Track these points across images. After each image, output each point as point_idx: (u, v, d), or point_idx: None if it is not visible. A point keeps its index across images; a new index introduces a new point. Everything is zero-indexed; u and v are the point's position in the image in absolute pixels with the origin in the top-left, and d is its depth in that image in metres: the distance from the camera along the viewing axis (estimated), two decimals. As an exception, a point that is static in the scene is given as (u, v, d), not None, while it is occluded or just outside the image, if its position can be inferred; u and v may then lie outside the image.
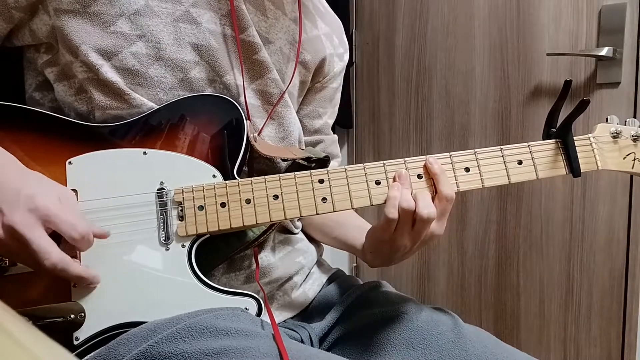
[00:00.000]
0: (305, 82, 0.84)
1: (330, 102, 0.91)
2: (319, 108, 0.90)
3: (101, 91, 0.67)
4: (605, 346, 1.49)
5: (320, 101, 0.89)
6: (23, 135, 0.60)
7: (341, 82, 0.94)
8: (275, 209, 0.67)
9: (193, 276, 0.65)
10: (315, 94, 0.89)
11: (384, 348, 0.71)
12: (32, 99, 0.73)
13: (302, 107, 0.88)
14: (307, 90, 0.87)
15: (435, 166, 0.68)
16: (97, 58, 0.66)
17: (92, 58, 0.66)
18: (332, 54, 0.88)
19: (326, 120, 0.92)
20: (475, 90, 1.66)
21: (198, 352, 0.56)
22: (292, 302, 0.80)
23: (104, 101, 0.67)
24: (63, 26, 0.66)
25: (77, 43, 0.66)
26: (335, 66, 0.89)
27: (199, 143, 0.68)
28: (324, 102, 0.90)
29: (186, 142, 0.68)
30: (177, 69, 0.69)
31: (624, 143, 0.74)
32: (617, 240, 1.45)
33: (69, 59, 0.67)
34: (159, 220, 0.66)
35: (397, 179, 0.68)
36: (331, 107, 0.93)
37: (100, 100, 0.67)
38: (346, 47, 0.93)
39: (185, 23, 0.70)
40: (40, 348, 0.30)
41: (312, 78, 0.85)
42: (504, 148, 0.71)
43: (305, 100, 0.88)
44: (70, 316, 0.62)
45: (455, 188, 0.69)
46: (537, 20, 1.52)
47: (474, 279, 1.73)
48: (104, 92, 0.67)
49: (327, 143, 0.91)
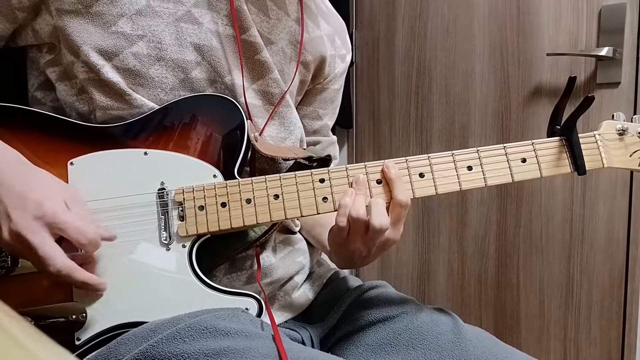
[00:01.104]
0: (305, 82, 0.84)
1: (331, 103, 0.91)
2: (319, 109, 0.89)
3: (102, 92, 0.67)
4: (605, 346, 1.49)
5: (320, 102, 0.89)
6: (25, 136, 0.60)
7: (342, 83, 0.93)
8: (275, 209, 0.67)
9: (194, 276, 0.65)
10: (316, 95, 0.88)
11: (384, 348, 0.71)
12: (34, 98, 0.73)
13: (302, 108, 0.88)
14: (308, 90, 0.87)
15: (392, 171, 0.68)
16: (98, 58, 0.66)
17: (93, 58, 0.66)
18: (334, 55, 0.88)
19: (326, 121, 0.92)
20: (475, 90, 1.66)
21: (198, 352, 0.56)
22: (293, 302, 0.80)
23: (104, 101, 0.67)
24: (65, 26, 0.66)
25: (78, 43, 0.66)
26: (336, 67, 0.89)
27: (200, 143, 0.68)
28: (324, 104, 0.90)
29: (187, 142, 0.68)
30: (179, 69, 0.69)
31: (630, 140, 0.73)
32: (617, 240, 1.45)
33: (71, 59, 0.67)
34: (159, 220, 0.66)
35: (354, 184, 0.68)
36: (332, 108, 0.92)
37: (101, 100, 0.67)
38: (349, 48, 0.93)
39: (186, 23, 0.70)
40: (40, 348, 0.30)
41: (312, 78, 0.85)
42: (507, 146, 0.70)
43: (305, 101, 0.88)
44: (72, 316, 0.62)
45: (454, 188, 0.69)
46: (537, 20, 1.52)
47: (474, 279, 1.73)
48: (104, 92, 0.67)
49: (324, 144, 0.91)
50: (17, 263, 0.62)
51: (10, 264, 0.62)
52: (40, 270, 0.59)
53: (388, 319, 0.75)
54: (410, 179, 0.68)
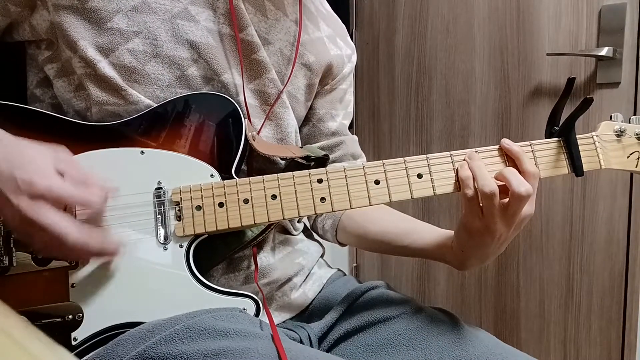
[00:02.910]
0: (313, 85, 0.84)
1: (340, 103, 0.91)
2: (331, 110, 0.90)
3: (99, 86, 0.67)
4: (605, 346, 1.49)
5: (331, 103, 0.89)
6: (21, 134, 0.60)
7: (351, 82, 0.94)
8: (273, 209, 0.66)
9: (191, 276, 0.65)
10: (325, 95, 0.89)
11: (384, 348, 0.71)
12: (33, 95, 0.73)
13: (315, 112, 0.88)
14: (317, 93, 0.87)
15: (515, 147, 0.67)
16: (95, 54, 0.66)
17: (90, 54, 0.66)
18: (340, 55, 0.88)
19: (341, 121, 0.92)
20: (475, 90, 1.66)
21: (196, 353, 0.56)
22: (291, 302, 0.80)
23: (100, 97, 0.67)
24: (62, 22, 0.66)
25: (75, 38, 0.66)
26: (344, 68, 0.89)
27: (197, 142, 0.68)
28: (334, 104, 0.90)
29: (184, 141, 0.68)
30: (174, 66, 0.69)
31: (628, 141, 0.73)
32: (617, 240, 1.45)
33: (69, 54, 0.67)
34: (156, 220, 0.65)
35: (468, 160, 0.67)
36: (342, 107, 0.92)
37: (97, 95, 0.67)
38: (353, 48, 0.93)
39: (183, 20, 0.69)
40: (40, 348, 0.30)
41: (320, 80, 0.85)
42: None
43: (316, 105, 0.88)
44: (68, 316, 0.62)
45: (452, 189, 0.68)
46: (537, 20, 1.52)
47: (474, 279, 1.73)
48: (101, 87, 0.67)
49: (348, 144, 0.91)
50: (12, 263, 0.62)
51: (7, 263, 0.62)
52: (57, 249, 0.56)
53: (388, 319, 0.74)
54: (408, 179, 0.68)
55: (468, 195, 0.65)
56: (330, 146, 0.89)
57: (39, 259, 0.62)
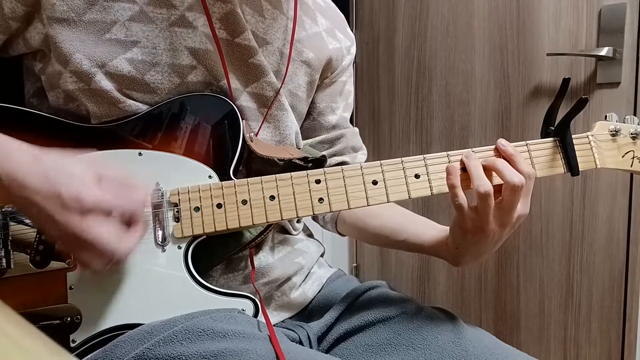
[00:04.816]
0: (313, 82, 0.84)
1: (340, 95, 0.91)
2: (331, 103, 0.90)
3: (94, 101, 0.67)
4: (605, 346, 1.49)
5: (331, 96, 0.89)
6: (19, 137, 0.59)
7: (351, 74, 0.94)
8: (271, 210, 0.66)
9: (189, 277, 0.65)
10: (325, 89, 0.89)
11: (384, 348, 0.71)
12: (30, 104, 0.73)
13: (315, 106, 0.88)
14: (317, 86, 0.87)
15: (509, 148, 0.68)
16: (91, 66, 0.65)
17: (85, 67, 0.65)
18: (340, 48, 0.88)
19: (341, 114, 0.92)
20: (475, 90, 1.66)
21: (195, 354, 0.56)
22: (291, 302, 0.80)
23: (97, 111, 0.67)
24: (56, 35, 0.65)
25: (70, 52, 0.65)
26: (343, 60, 0.90)
27: (195, 143, 0.68)
28: (334, 97, 0.90)
29: (182, 143, 0.68)
30: (174, 74, 0.69)
31: (622, 141, 0.74)
32: (617, 240, 1.45)
33: (58, 69, 0.66)
34: (155, 221, 0.65)
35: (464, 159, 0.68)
36: (342, 99, 0.92)
37: (94, 110, 0.67)
38: (352, 40, 0.93)
39: (181, 27, 0.69)
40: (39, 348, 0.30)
41: (320, 75, 0.85)
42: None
43: (316, 98, 0.88)
44: (66, 318, 0.62)
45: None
46: (537, 20, 1.51)
47: (474, 279, 1.73)
48: (96, 101, 0.67)
49: (348, 137, 0.91)
50: (10, 264, 0.62)
51: (5, 265, 0.62)
52: (103, 262, 0.55)
53: (388, 319, 0.74)
54: (405, 180, 0.68)
55: (456, 202, 0.66)
56: (331, 139, 0.89)
57: (37, 261, 0.62)
